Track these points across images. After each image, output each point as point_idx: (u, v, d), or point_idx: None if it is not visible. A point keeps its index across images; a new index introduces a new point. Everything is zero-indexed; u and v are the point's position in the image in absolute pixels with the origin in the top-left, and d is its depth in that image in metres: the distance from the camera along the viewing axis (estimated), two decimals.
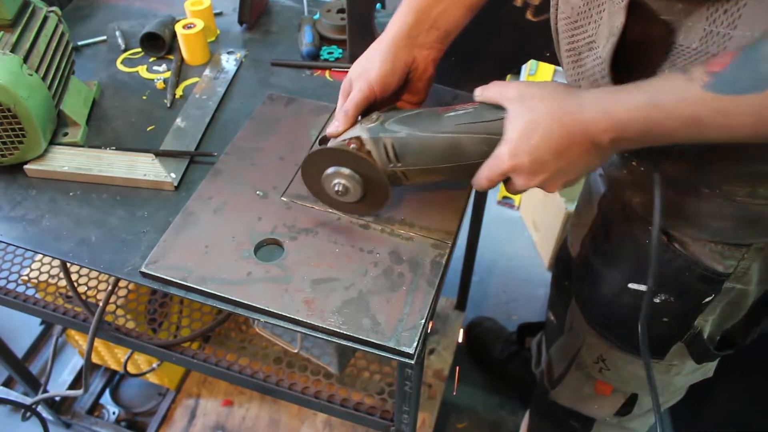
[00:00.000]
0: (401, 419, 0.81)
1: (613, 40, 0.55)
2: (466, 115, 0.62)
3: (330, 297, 0.64)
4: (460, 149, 0.61)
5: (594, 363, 0.84)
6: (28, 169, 0.79)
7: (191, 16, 1.00)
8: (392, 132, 0.62)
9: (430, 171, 0.63)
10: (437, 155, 0.62)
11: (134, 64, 0.99)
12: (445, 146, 0.61)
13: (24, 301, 0.96)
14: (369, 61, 0.69)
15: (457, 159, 0.62)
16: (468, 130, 0.61)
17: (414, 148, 0.62)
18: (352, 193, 0.65)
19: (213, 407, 1.45)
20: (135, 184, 0.78)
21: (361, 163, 0.63)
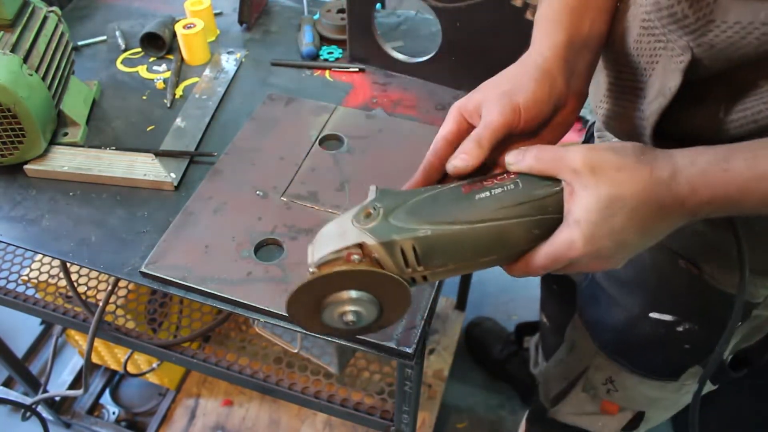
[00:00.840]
0: (401, 419, 0.81)
1: (662, 101, 0.49)
2: (508, 194, 0.47)
3: None
4: (505, 239, 0.47)
5: (602, 384, 0.81)
6: (28, 169, 0.79)
7: (191, 16, 1.00)
8: (408, 231, 0.46)
9: (460, 269, 0.49)
10: (473, 250, 0.48)
11: (134, 64, 0.99)
12: (486, 238, 0.47)
13: (24, 301, 0.96)
14: (511, 81, 0.52)
15: (499, 251, 0.48)
16: (515, 213, 0.47)
17: (443, 248, 0.47)
18: (366, 319, 0.48)
19: (213, 407, 1.45)
20: (135, 184, 0.78)
21: (374, 279, 0.46)
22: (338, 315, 0.48)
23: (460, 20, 0.85)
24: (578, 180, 0.44)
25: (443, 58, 0.90)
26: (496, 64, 0.91)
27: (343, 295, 0.47)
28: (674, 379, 0.75)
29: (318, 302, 0.48)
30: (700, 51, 0.46)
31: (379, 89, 0.94)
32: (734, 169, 0.42)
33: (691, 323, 0.68)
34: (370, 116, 0.86)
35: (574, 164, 0.45)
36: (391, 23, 1.07)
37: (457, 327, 1.55)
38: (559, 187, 0.46)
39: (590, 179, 0.44)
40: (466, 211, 0.47)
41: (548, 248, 0.46)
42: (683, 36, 0.46)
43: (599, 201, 0.43)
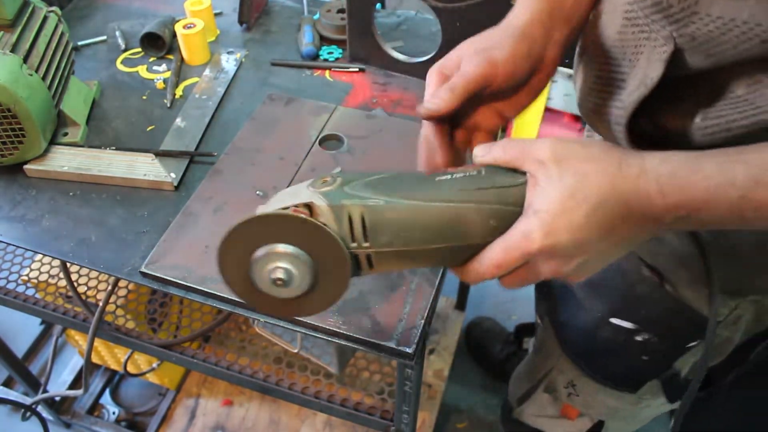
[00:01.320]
0: (401, 419, 0.81)
1: (642, 91, 0.48)
2: (469, 179, 0.45)
3: None
4: (460, 224, 0.44)
5: (564, 387, 0.81)
6: (28, 169, 0.79)
7: (191, 16, 1.00)
8: (361, 198, 0.44)
9: (410, 255, 0.45)
10: (426, 232, 0.44)
11: (134, 64, 0.99)
12: (439, 220, 0.44)
13: (24, 301, 0.96)
14: (491, 39, 0.52)
15: (453, 238, 0.44)
16: (474, 198, 0.44)
17: (393, 222, 0.44)
18: (297, 283, 0.43)
19: (213, 407, 1.45)
20: (135, 184, 0.78)
21: (314, 237, 0.42)
22: (268, 271, 0.43)
23: (460, 20, 0.85)
24: (542, 170, 0.43)
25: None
26: None
27: (277, 247, 0.42)
28: (632, 391, 0.73)
29: (250, 255, 0.43)
30: (682, 42, 0.45)
31: (379, 89, 0.94)
32: (704, 172, 0.40)
33: (650, 334, 0.67)
34: (370, 116, 0.86)
35: (539, 155, 0.43)
36: (391, 23, 1.07)
37: (457, 327, 1.55)
38: (523, 179, 0.44)
39: (554, 169, 0.42)
40: (423, 189, 0.45)
41: (503, 240, 0.43)
42: (666, 26, 0.45)
43: (561, 191, 0.41)
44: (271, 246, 0.42)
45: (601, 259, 0.45)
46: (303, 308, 0.47)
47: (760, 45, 0.40)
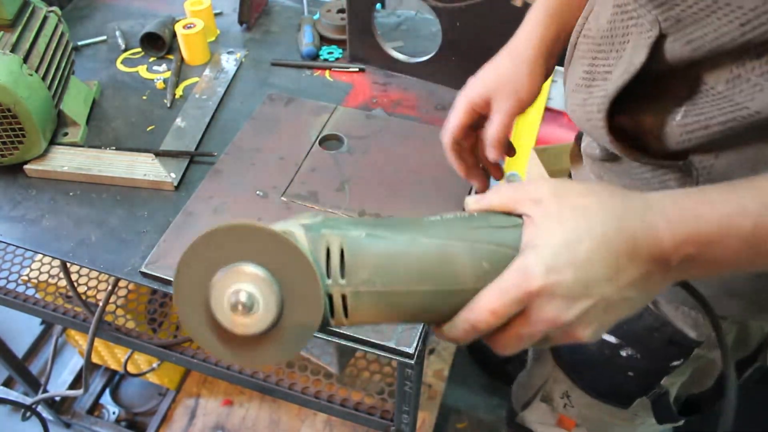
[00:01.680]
0: (401, 419, 0.81)
1: (625, 77, 0.47)
2: (461, 219, 0.42)
3: None
4: (450, 264, 0.39)
5: (560, 398, 0.80)
6: (28, 169, 0.79)
7: (191, 16, 1.00)
8: (342, 230, 0.39)
9: (391, 299, 0.39)
10: (411, 271, 0.39)
11: (134, 64, 0.99)
12: (426, 257, 0.39)
13: (24, 301, 0.96)
14: (511, 80, 0.61)
15: (442, 280, 0.39)
16: (466, 237, 0.40)
17: (375, 256, 0.39)
18: (259, 313, 0.36)
19: (213, 407, 1.45)
20: (135, 184, 0.78)
21: (286, 257, 0.37)
22: (229, 294, 0.36)
23: (460, 20, 0.85)
24: (540, 209, 0.40)
25: (443, 58, 0.90)
26: None
27: (242, 266, 0.36)
28: (624, 406, 0.73)
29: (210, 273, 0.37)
30: (667, 26, 0.44)
31: (379, 89, 0.94)
32: (712, 202, 0.38)
33: (634, 350, 0.66)
34: (370, 116, 0.86)
35: (536, 194, 0.41)
36: (391, 23, 1.07)
37: None
38: (519, 220, 0.41)
39: (553, 206, 0.39)
40: (410, 226, 0.41)
41: (498, 282, 0.39)
42: (652, 9, 0.45)
43: (562, 226, 0.38)
44: (236, 264, 0.36)
45: (606, 309, 0.39)
46: (258, 353, 0.39)
47: (739, 28, 0.40)
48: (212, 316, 0.37)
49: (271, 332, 0.37)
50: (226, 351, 0.39)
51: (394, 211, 0.73)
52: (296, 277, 0.37)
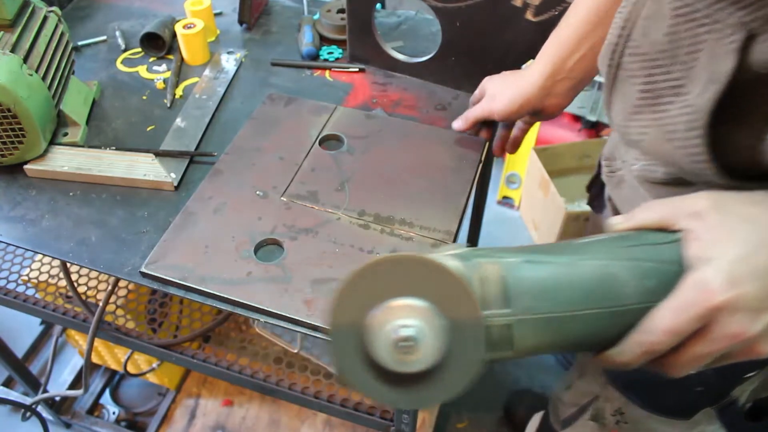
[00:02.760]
0: (401, 419, 0.81)
1: (716, 88, 0.44)
2: (615, 239, 0.41)
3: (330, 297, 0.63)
4: (612, 283, 0.38)
5: (611, 415, 0.79)
6: (28, 169, 0.79)
7: (191, 16, 1.00)
8: (497, 257, 0.38)
9: (556, 324, 0.38)
10: (575, 293, 0.38)
11: (134, 64, 0.99)
12: (588, 278, 0.38)
13: (24, 301, 0.96)
14: (504, 89, 0.75)
15: (606, 300, 0.38)
16: (624, 256, 0.39)
17: (536, 282, 0.38)
18: (425, 350, 0.34)
19: (213, 407, 1.45)
20: (135, 184, 0.78)
21: (446, 289, 0.35)
22: (390, 330, 0.33)
23: (460, 20, 0.85)
24: (701, 222, 0.38)
25: (443, 58, 0.90)
26: (496, 64, 0.91)
27: (403, 300, 0.34)
28: (686, 417, 0.71)
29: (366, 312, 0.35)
30: (757, 26, 0.41)
31: (379, 89, 0.94)
32: None
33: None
34: (370, 116, 0.86)
35: (694, 208, 0.39)
36: (391, 23, 1.07)
37: None
38: (677, 236, 0.39)
39: (715, 218, 0.38)
40: (564, 249, 0.40)
41: (671, 300, 0.37)
42: (735, 12, 0.42)
43: (733, 236, 0.37)
44: (396, 298, 0.34)
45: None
46: (421, 393, 0.36)
47: None
48: (371, 355, 0.34)
49: (434, 370, 0.35)
50: (385, 392, 0.36)
51: (394, 210, 0.73)
52: (458, 309, 0.35)
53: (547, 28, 0.77)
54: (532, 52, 0.84)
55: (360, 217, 0.72)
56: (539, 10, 0.79)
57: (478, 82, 0.82)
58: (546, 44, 0.72)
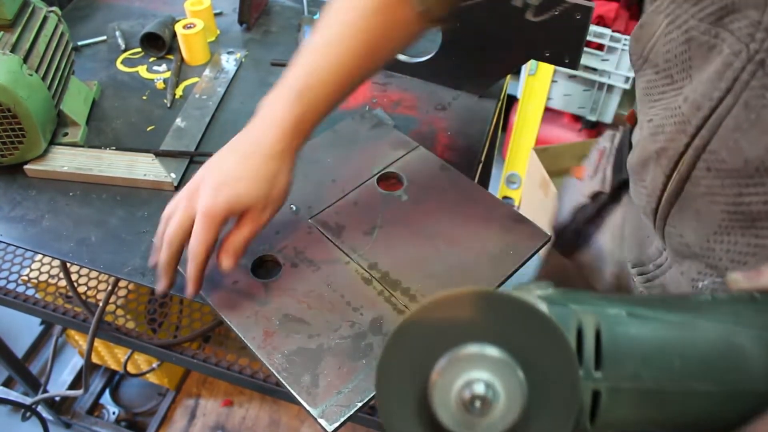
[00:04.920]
0: None
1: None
2: (742, 302, 0.33)
3: (290, 338, 0.60)
4: (737, 357, 0.30)
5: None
6: (28, 169, 0.79)
7: (191, 16, 1.00)
8: (595, 306, 0.31)
9: (660, 398, 0.30)
10: (691, 364, 0.30)
11: (134, 64, 0.99)
12: (708, 347, 0.31)
13: (24, 301, 0.96)
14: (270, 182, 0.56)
15: (725, 376, 0.30)
16: (755, 324, 0.31)
17: (644, 343, 0.30)
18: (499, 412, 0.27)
19: (213, 407, 1.45)
20: (135, 184, 0.78)
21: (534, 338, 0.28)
22: (459, 387, 0.27)
23: (460, 20, 0.85)
24: None
25: (443, 58, 0.90)
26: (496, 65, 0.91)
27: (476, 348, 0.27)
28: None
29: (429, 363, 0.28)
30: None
31: (379, 89, 0.94)
32: None
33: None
34: (445, 168, 0.77)
35: None
36: None
37: None
38: None
39: None
40: (678, 304, 0.32)
41: None
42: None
43: None
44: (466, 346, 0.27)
45: None
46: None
47: None
48: (432, 417, 0.27)
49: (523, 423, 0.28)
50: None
51: (405, 276, 0.65)
52: (545, 364, 0.28)
53: (547, 29, 0.77)
54: (532, 52, 0.85)
55: (368, 269, 0.66)
56: (539, 11, 0.79)
57: (478, 82, 0.82)
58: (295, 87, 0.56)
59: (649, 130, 0.50)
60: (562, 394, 0.28)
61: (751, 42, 0.40)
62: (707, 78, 0.44)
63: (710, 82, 0.43)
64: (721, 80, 0.42)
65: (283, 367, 0.59)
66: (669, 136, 0.47)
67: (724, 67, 0.42)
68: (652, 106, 0.51)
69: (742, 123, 0.42)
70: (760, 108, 0.40)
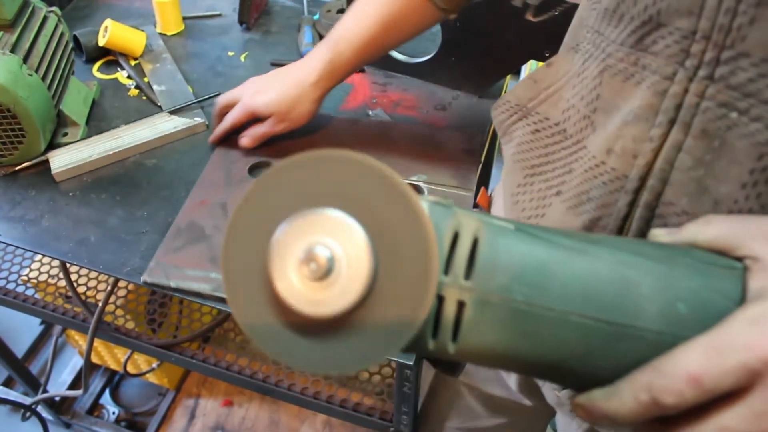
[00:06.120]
0: (400, 420, 0.81)
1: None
2: (652, 244, 0.30)
3: None
4: (629, 294, 0.27)
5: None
6: (57, 173, 0.78)
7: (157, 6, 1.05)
8: (481, 215, 0.28)
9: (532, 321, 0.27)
10: (572, 290, 0.27)
11: (111, 72, 0.99)
12: (597, 276, 0.27)
13: (24, 301, 0.96)
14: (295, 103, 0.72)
15: (611, 310, 0.27)
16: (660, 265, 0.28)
17: (524, 258, 0.27)
18: (341, 285, 0.24)
19: (213, 407, 1.45)
20: (171, 138, 0.84)
21: (394, 214, 0.25)
22: (300, 249, 0.24)
23: (460, 20, 0.85)
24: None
25: (443, 58, 0.90)
26: (496, 65, 0.91)
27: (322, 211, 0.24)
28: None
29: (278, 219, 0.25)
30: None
31: (379, 89, 0.94)
32: None
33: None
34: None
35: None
36: None
37: None
38: (738, 265, 0.28)
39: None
40: (581, 235, 0.29)
41: (712, 336, 0.26)
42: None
43: None
44: (314, 209, 0.24)
45: None
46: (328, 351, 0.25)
47: None
48: (273, 287, 0.24)
49: (351, 322, 0.25)
50: (288, 346, 0.25)
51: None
52: (403, 247, 0.24)
53: (547, 29, 0.77)
54: (532, 52, 0.84)
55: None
56: (539, 11, 0.79)
57: (478, 82, 0.82)
58: (331, 39, 0.70)
59: (566, 204, 0.42)
60: (414, 286, 0.24)
61: (687, 58, 0.34)
62: (634, 117, 0.37)
63: (640, 121, 0.37)
64: (658, 114, 0.36)
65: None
66: (600, 202, 0.40)
67: (657, 97, 0.36)
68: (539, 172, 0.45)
69: (702, 156, 0.35)
70: (724, 131, 0.34)
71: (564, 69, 0.45)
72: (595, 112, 0.41)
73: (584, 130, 0.42)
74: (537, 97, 0.47)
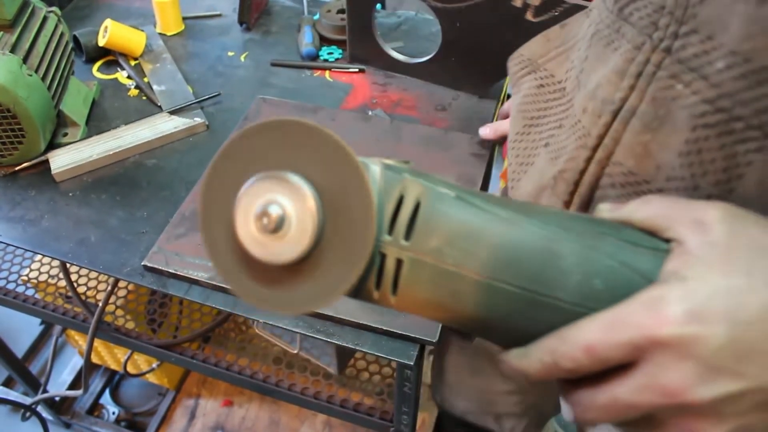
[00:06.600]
0: (401, 420, 0.81)
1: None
2: (588, 219, 0.32)
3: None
4: (551, 264, 0.29)
5: None
6: (57, 174, 0.78)
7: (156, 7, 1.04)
8: (430, 183, 0.31)
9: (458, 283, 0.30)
10: (495, 255, 0.30)
11: (111, 72, 0.99)
12: (523, 245, 0.30)
13: (24, 301, 0.96)
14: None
15: (531, 279, 0.29)
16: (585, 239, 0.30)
17: (457, 224, 0.30)
18: (291, 237, 0.28)
19: (213, 407, 1.45)
20: (171, 139, 0.83)
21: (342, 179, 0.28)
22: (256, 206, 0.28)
23: (460, 20, 0.85)
24: (701, 233, 0.28)
25: (443, 58, 0.90)
26: (496, 65, 0.91)
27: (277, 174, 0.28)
28: None
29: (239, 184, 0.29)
30: None
31: (379, 90, 0.94)
32: None
33: None
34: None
35: (700, 214, 0.29)
36: (391, 23, 1.07)
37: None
38: (665, 245, 0.30)
39: (722, 235, 0.27)
40: (514, 205, 0.31)
41: (611, 311, 0.28)
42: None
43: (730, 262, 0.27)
44: (272, 172, 0.28)
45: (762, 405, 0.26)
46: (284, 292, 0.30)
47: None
48: (237, 237, 0.29)
49: (302, 270, 0.29)
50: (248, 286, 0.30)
51: None
52: (348, 207, 0.28)
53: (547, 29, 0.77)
54: None
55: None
56: (539, 11, 0.79)
57: (478, 82, 0.82)
58: None
59: (549, 155, 0.45)
60: (357, 241, 0.28)
61: (655, 31, 0.36)
62: (606, 80, 0.39)
63: (610, 84, 0.39)
64: (623, 78, 0.38)
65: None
66: (569, 155, 0.42)
67: (626, 63, 0.38)
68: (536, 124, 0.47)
69: (650, 122, 0.37)
70: (670, 101, 0.36)
71: (574, 31, 0.48)
72: (582, 72, 0.43)
73: (575, 89, 0.44)
74: (547, 54, 0.50)
